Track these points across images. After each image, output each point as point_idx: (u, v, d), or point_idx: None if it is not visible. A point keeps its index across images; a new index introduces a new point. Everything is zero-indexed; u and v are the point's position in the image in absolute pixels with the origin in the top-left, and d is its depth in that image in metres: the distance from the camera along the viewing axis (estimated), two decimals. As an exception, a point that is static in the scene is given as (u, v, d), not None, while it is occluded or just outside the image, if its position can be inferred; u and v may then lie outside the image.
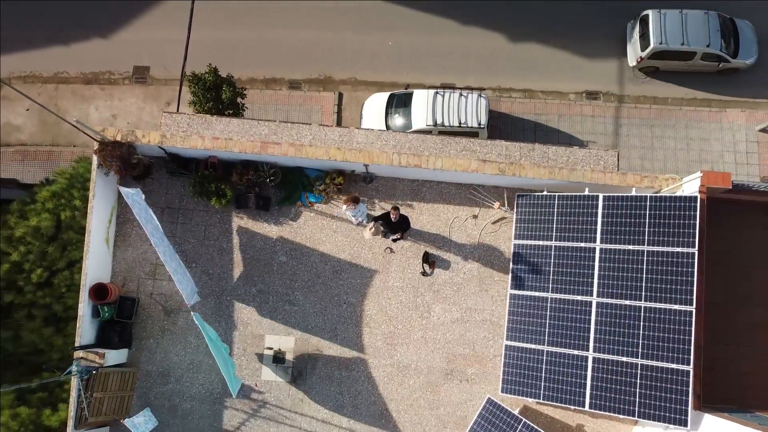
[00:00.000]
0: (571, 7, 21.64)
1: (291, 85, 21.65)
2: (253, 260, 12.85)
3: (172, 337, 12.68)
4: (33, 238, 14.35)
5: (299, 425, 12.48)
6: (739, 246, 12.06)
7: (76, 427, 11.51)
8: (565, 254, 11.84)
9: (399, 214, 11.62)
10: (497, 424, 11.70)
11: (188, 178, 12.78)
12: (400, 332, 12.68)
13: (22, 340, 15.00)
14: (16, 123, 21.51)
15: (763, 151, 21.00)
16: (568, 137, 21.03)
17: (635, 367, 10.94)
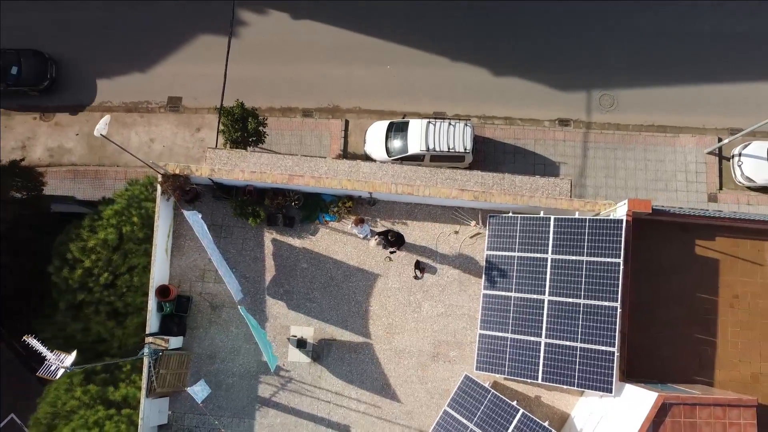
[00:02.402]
0: (546, 42, 25.00)
1: (304, 113, 25.04)
2: (281, 266, 16.24)
3: (218, 328, 16.08)
4: (101, 248, 17.74)
5: (317, 396, 15.88)
6: (660, 256, 15.38)
7: (147, 395, 14.90)
8: (525, 262, 15.23)
9: (395, 233, 15.06)
10: (472, 394, 15.07)
11: (230, 202, 16.17)
12: (397, 323, 16.06)
13: (90, 331, 18.37)
14: (68, 146, 24.92)
15: (710, 171, 24.39)
16: (543, 159, 24.42)
17: (575, 350, 14.33)
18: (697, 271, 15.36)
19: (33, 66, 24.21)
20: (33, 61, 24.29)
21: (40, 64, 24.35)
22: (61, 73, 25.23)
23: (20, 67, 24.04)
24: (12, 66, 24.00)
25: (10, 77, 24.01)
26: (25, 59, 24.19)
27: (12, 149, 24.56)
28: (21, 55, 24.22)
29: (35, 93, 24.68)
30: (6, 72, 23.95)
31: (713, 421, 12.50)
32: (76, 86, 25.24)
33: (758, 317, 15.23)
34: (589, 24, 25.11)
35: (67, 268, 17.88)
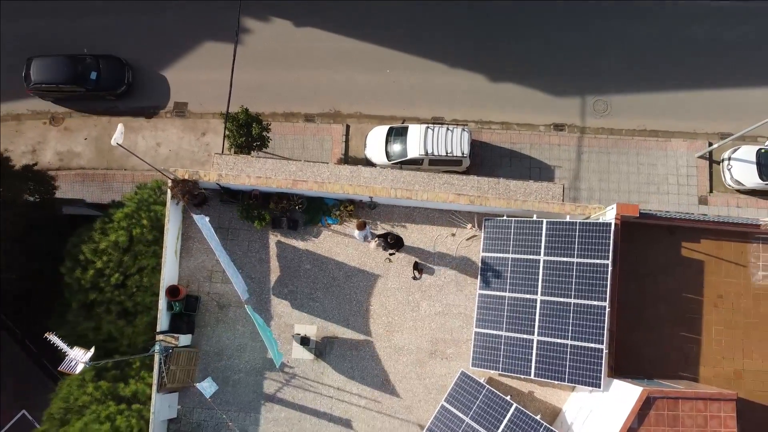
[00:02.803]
0: (541, 50, 25.73)
1: (306, 118, 25.75)
2: (285, 267, 16.96)
3: (224, 326, 16.79)
4: (112, 250, 18.44)
5: (320, 392, 16.59)
6: (648, 257, 16.08)
7: (158, 390, 15.62)
8: (519, 263, 15.95)
9: (394, 236, 15.79)
10: (468, 390, 15.78)
11: (236, 205, 16.89)
12: (396, 322, 16.78)
13: (101, 329, 19.06)
14: (77, 150, 25.63)
15: (700, 175, 25.12)
16: (538, 162, 25.15)
17: (566, 347, 15.04)
18: (682, 272, 16.07)
19: (111, 71, 24.97)
20: (111, 67, 25.04)
21: (118, 70, 25.13)
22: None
23: (99, 72, 24.77)
24: (92, 71, 24.72)
25: (89, 82, 24.74)
26: (104, 65, 24.93)
27: (23, 153, 25.26)
28: (100, 61, 24.97)
29: (112, 97, 25.41)
30: (86, 77, 24.66)
31: (695, 414, 13.21)
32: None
33: (741, 316, 15.95)
34: (583, 31, 25.83)
35: (80, 269, 18.58)
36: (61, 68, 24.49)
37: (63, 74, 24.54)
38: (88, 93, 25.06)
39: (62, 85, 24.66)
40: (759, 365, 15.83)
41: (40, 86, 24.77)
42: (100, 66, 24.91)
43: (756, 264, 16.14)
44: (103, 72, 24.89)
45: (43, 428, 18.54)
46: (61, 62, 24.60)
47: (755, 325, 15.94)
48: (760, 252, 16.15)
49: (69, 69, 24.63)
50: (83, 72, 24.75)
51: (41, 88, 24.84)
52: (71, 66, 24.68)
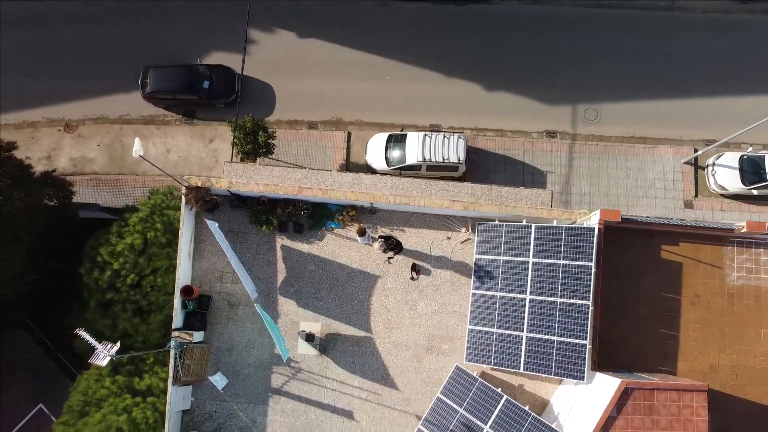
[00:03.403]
0: (534, 60, 26.90)
1: (309, 125, 26.90)
2: (291, 269, 18.12)
3: (235, 324, 17.96)
4: (128, 252, 19.62)
5: (324, 385, 17.76)
6: (630, 259, 17.24)
7: (173, 383, 16.78)
8: (509, 265, 17.11)
9: (396, 240, 16.96)
10: (462, 383, 16.94)
11: (245, 210, 18.05)
12: (395, 320, 17.95)
13: (117, 327, 20.22)
14: (90, 156, 26.78)
15: (686, 180, 26.26)
16: (531, 168, 26.30)
17: (553, 342, 16.20)
18: (662, 273, 17.22)
19: (222, 80, 26.17)
20: (222, 76, 26.18)
21: (229, 79, 26.29)
22: (81, 86, 27.06)
23: (212, 81, 25.90)
24: (204, 80, 25.83)
25: (202, 91, 25.81)
26: (215, 74, 26.05)
27: (38, 159, 26.40)
28: (212, 71, 26.08)
29: (222, 105, 26.51)
30: (199, 86, 25.75)
31: (669, 404, 14.38)
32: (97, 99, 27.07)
33: (716, 314, 17.11)
34: (574, 43, 26.97)
35: (98, 270, 19.76)
36: (177, 77, 25.50)
37: (178, 83, 25.57)
38: (201, 101, 26.14)
39: (178, 93, 25.69)
40: (733, 360, 16.98)
41: (156, 94, 25.87)
42: (212, 75, 26.00)
43: (731, 266, 17.29)
44: (215, 81, 25.95)
45: (63, 419, 19.72)
46: (177, 71, 25.67)
47: (729, 323, 17.09)
48: (734, 254, 17.31)
49: (184, 78, 25.70)
50: (197, 81, 25.78)
51: (156, 95, 25.95)
52: (186, 75, 25.75)
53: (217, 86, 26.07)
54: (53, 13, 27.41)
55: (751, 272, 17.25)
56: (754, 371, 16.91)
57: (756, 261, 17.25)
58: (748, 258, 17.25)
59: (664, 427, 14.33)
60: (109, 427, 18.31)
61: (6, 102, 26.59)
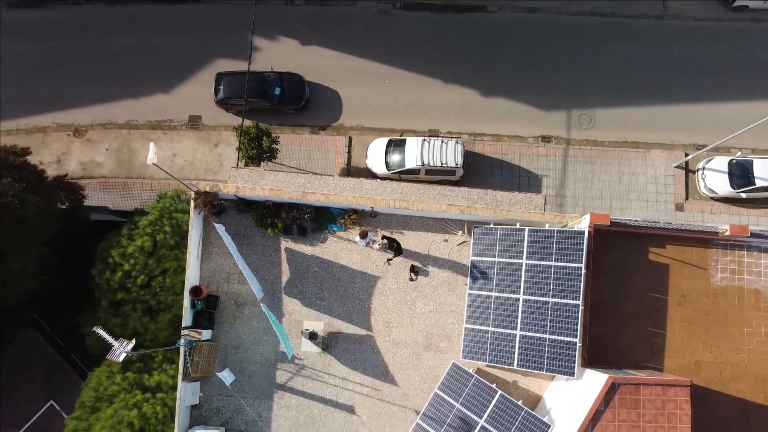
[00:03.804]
0: (530, 67, 27.71)
1: (312, 130, 27.70)
2: (295, 270, 18.92)
3: (241, 322, 18.75)
4: (139, 254, 20.42)
5: (327, 381, 18.56)
6: (619, 261, 18.01)
7: (183, 379, 17.57)
8: (504, 266, 17.91)
9: (396, 243, 17.77)
10: (458, 379, 17.74)
11: (251, 214, 18.85)
12: (395, 319, 18.75)
13: (128, 326, 21.02)
14: (98, 160, 27.59)
15: (677, 183, 27.08)
16: (527, 172, 27.11)
17: (545, 340, 17.00)
18: (650, 274, 18.01)
19: (293, 87, 26.89)
20: (293, 83, 26.96)
21: (299, 86, 27.03)
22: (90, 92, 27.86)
23: (283, 88, 26.63)
24: (276, 87, 26.63)
25: (273, 97, 26.57)
26: (286, 81, 26.87)
27: (48, 163, 27.19)
28: (283, 78, 26.86)
29: (291, 111, 27.29)
30: (271, 92, 26.53)
31: (654, 398, 15.18)
32: (105, 105, 27.88)
33: (701, 314, 17.90)
34: (569, 51, 27.79)
35: (109, 271, 20.57)
36: (250, 84, 25.93)
37: (251, 89, 26.07)
38: (271, 107, 26.87)
39: (250, 99, 26.23)
40: (717, 357, 17.78)
41: (228, 100, 26.61)
42: (283, 82, 26.74)
43: (715, 267, 18.09)
44: (286, 88, 26.68)
45: (76, 414, 20.54)
46: (250, 78, 26.01)
47: (714, 322, 17.88)
48: (719, 256, 18.11)
49: (257, 85, 26.35)
50: (269, 88, 26.53)
51: (228, 102, 26.69)
52: (259, 82, 26.44)
53: (288, 93, 26.77)
54: (63, 21, 28.22)
55: (735, 273, 18.04)
56: (737, 368, 17.70)
57: (739, 262, 18.04)
58: (732, 259, 18.05)
59: (649, 420, 15.13)
60: (121, 421, 19.14)
61: (17, 108, 27.40)
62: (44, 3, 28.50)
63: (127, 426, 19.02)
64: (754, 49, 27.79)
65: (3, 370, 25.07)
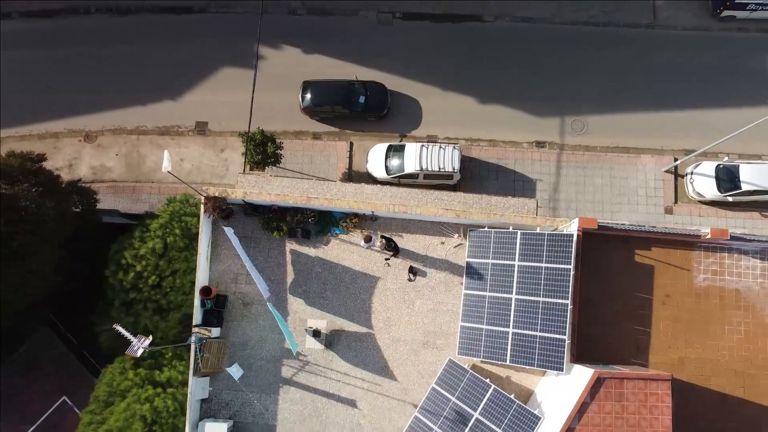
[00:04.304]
0: (524, 75, 28.71)
1: (314, 136, 28.69)
2: (299, 271, 19.92)
3: (248, 321, 19.74)
4: (150, 255, 21.43)
5: (329, 376, 19.55)
6: (606, 262, 18.99)
7: (194, 374, 18.56)
8: (497, 268, 18.91)
9: (393, 243, 18.77)
10: (454, 374, 18.73)
11: (258, 218, 19.84)
12: (394, 317, 19.75)
13: (139, 324, 22.00)
14: (108, 165, 28.59)
15: (667, 187, 28.08)
16: (522, 176, 28.11)
17: (536, 337, 17.99)
18: (636, 274, 18.97)
19: (376, 95, 27.85)
20: (376, 91, 27.90)
21: (382, 94, 27.96)
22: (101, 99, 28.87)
23: (367, 96, 27.68)
24: (360, 96, 27.62)
25: (358, 105, 27.56)
26: (370, 89, 27.82)
27: (60, 168, 28.15)
28: (367, 86, 27.87)
29: (373, 119, 28.26)
30: (355, 101, 27.56)
31: (637, 391, 16.18)
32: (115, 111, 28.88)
33: (684, 312, 18.88)
34: (563, 59, 28.79)
35: (122, 272, 21.57)
36: (335, 92, 27.28)
37: (337, 98, 27.29)
38: (355, 115, 27.86)
39: (335, 107, 27.38)
40: (699, 354, 18.76)
41: (314, 108, 27.60)
42: (367, 91, 27.72)
43: (698, 268, 19.07)
44: (369, 96, 27.69)
45: (90, 408, 21.57)
46: (335, 86, 27.41)
47: (697, 320, 18.86)
48: (701, 258, 19.08)
49: (342, 93, 27.44)
50: (353, 96, 27.53)
51: (314, 109, 27.68)
52: (344, 90, 27.49)
53: (372, 101, 27.75)
54: (73, 31, 29.24)
55: (716, 274, 19.02)
56: (718, 364, 18.69)
57: (720, 264, 19.03)
58: (714, 261, 19.03)
59: (632, 412, 16.13)
60: (134, 414, 20.15)
61: (30, 114, 28.41)
62: (57, 13, 29.49)
63: (140, 419, 20.02)
64: (741, 57, 28.79)
65: (18, 366, 26.09)
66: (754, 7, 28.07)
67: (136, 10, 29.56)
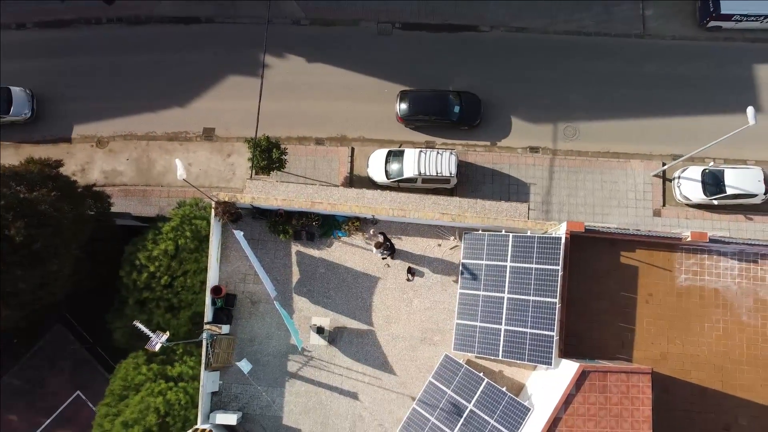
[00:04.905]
0: (519, 83, 29.89)
1: (317, 141, 29.87)
2: (304, 272, 21.10)
3: (256, 318, 20.93)
4: (162, 257, 22.62)
5: (333, 371, 20.74)
6: (593, 263, 20.17)
7: (205, 369, 19.75)
8: (491, 268, 20.09)
9: (390, 242, 19.97)
10: (450, 368, 19.93)
11: (265, 221, 21.03)
12: (393, 315, 20.93)
13: (152, 321, 23.18)
14: (119, 169, 29.78)
15: (655, 191, 29.25)
16: (516, 180, 29.28)
17: (526, 334, 19.18)
18: (621, 275, 20.15)
19: (470, 106, 28.84)
20: (470, 102, 28.91)
21: (476, 105, 28.96)
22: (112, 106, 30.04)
23: (462, 106, 28.75)
24: (456, 106, 28.70)
25: (453, 115, 28.63)
26: (464, 100, 28.85)
27: (74, 172, 29.36)
28: (462, 97, 28.86)
29: (465, 128, 29.43)
30: (451, 111, 28.63)
31: (619, 383, 17.37)
32: (126, 118, 30.08)
33: (667, 311, 20.06)
34: (556, 67, 29.95)
35: (136, 272, 22.77)
36: (432, 102, 28.42)
37: (434, 108, 28.48)
38: (450, 124, 28.93)
39: (432, 116, 28.54)
40: (680, 349, 19.95)
41: (411, 117, 28.68)
42: (462, 101, 28.82)
43: (680, 269, 20.26)
44: (464, 106, 28.77)
45: (106, 401, 22.78)
46: (432, 97, 28.48)
47: (678, 318, 20.04)
48: (683, 259, 20.27)
49: (439, 103, 28.58)
50: (449, 106, 28.61)
51: (411, 118, 28.77)
52: (440, 100, 28.61)
53: (466, 111, 28.82)
54: (86, 40, 30.46)
55: (697, 275, 20.21)
56: (697, 359, 19.88)
57: (701, 265, 20.22)
58: (694, 262, 20.22)
59: (615, 403, 17.33)
60: (148, 407, 21.37)
61: (44, 120, 29.61)
62: (70, 23, 30.67)
63: (153, 411, 21.24)
64: (727, 66, 29.94)
65: (35, 362, 27.32)
66: (739, 18, 29.22)
67: (145, 20, 30.73)
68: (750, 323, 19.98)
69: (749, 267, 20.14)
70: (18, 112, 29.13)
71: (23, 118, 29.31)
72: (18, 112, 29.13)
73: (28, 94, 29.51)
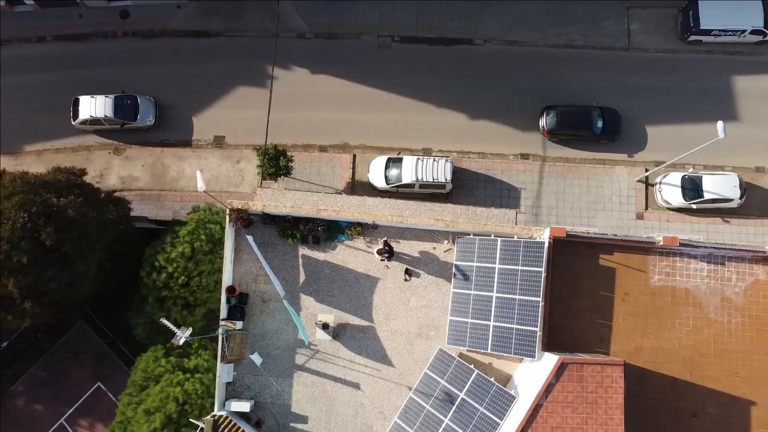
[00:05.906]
0: (511, 94, 31.73)
1: (320, 148, 31.70)
2: (310, 272, 23.03)
3: (267, 315, 22.86)
4: (180, 258, 24.55)
5: (337, 363, 22.68)
6: (574, 265, 22.04)
7: (221, 361, 21.69)
8: (481, 270, 22.01)
9: (389, 246, 21.91)
10: (444, 361, 21.87)
11: (275, 226, 22.94)
12: (392, 312, 22.85)
13: (170, 318, 25.01)
14: (135, 175, 31.65)
15: (638, 196, 31.10)
16: (507, 185, 31.13)
17: (512, 329, 21.11)
18: (599, 275, 22.02)
19: (611, 121, 30.56)
20: (611, 117, 30.59)
21: (616, 120, 30.57)
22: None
23: (604, 121, 30.41)
24: (599, 120, 30.41)
25: (596, 129, 30.41)
26: (606, 115, 30.48)
27: (92, 178, 31.19)
28: (604, 113, 30.50)
29: (605, 142, 30.99)
30: (594, 125, 30.39)
31: (595, 374, 19.31)
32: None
33: (641, 308, 21.94)
34: (546, 78, 31.75)
35: (155, 273, 24.70)
36: (578, 117, 30.31)
37: (580, 123, 30.38)
38: (591, 137, 30.66)
39: (577, 130, 30.41)
40: (653, 343, 21.86)
41: (558, 130, 30.38)
42: (604, 116, 30.52)
43: (653, 270, 22.13)
44: (606, 121, 30.48)
45: (128, 391, 24.78)
46: (578, 113, 30.34)
47: (652, 315, 21.92)
48: (656, 261, 22.15)
49: (584, 118, 30.38)
50: (593, 121, 30.42)
51: (557, 131, 30.43)
52: (586, 116, 30.40)
53: (608, 126, 30.57)
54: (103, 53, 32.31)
55: (669, 275, 22.10)
56: (669, 352, 21.79)
57: (672, 267, 22.10)
58: (667, 264, 22.10)
59: (591, 392, 19.28)
60: (168, 396, 23.35)
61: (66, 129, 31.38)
62: (87, 36, 32.49)
63: (173, 400, 23.21)
64: (707, 77, 31.77)
65: (58, 356, 29.30)
66: (717, 33, 31.05)
67: (158, 34, 32.55)
68: (717, 320, 21.89)
69: (717, 268, 22.03)
70: (143, 119, 30.86)
71: (148, 125, 31.05)
72: (143, 119, 30.86)
73: (152, 102, 31.20)
